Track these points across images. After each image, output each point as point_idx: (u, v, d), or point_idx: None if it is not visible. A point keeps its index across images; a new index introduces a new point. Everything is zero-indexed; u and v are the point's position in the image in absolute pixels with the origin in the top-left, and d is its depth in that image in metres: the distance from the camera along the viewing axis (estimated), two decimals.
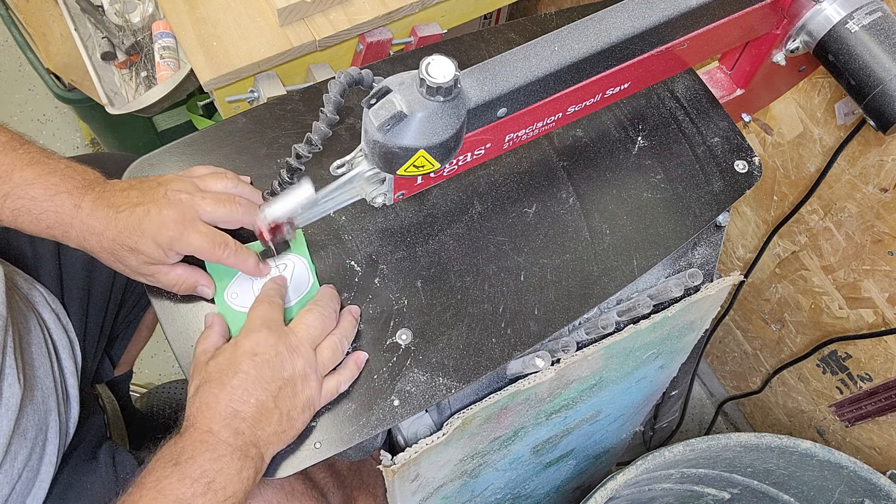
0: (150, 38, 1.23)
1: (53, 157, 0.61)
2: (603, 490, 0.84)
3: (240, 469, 0.53)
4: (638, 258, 0.70)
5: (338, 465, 0.85)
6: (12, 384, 0.61)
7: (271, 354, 0.56)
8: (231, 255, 0.60)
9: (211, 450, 0.53)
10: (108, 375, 0.95)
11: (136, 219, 0.58)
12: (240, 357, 0.56)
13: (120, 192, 0.59)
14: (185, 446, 0.53)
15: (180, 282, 0.62)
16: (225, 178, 0.64)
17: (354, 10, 0.91)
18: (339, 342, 0.61)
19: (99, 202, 0.58)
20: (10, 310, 0.64)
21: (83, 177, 0.60)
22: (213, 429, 0.54)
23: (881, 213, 0.93)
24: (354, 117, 0.75)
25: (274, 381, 0.56)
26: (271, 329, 0.58)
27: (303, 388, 0.57)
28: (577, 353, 0.69)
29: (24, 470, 0.64)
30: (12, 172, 0.58)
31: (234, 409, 0.54)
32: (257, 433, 0.55)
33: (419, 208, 0.70)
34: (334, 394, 0.60)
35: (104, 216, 0.58)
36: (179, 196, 0.59)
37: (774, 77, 0.83)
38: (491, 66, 0.55)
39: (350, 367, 0.61)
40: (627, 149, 0.76)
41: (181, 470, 0.52)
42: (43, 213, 0.58)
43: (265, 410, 0.55)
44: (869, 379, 1.07)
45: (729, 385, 1.46)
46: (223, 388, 0.55)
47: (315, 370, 0.58)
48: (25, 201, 0.58)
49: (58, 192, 0.58)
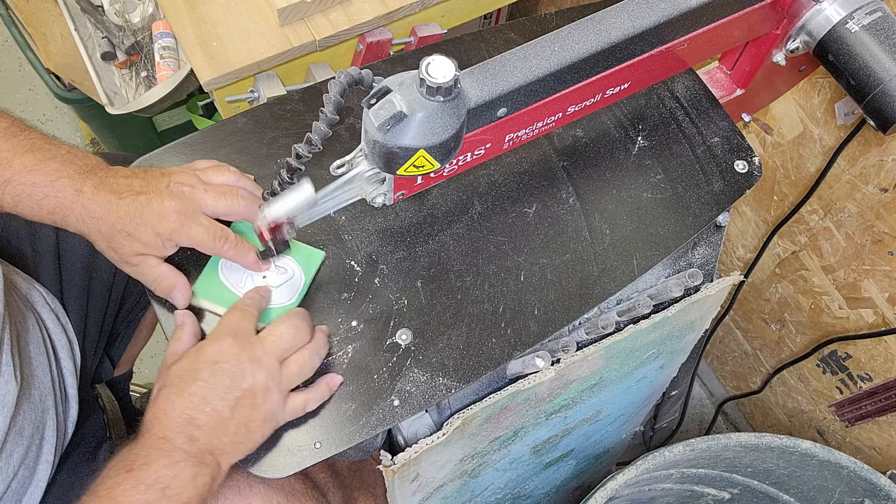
0: (150, 38, 1.23)
1: (55, 142, 0.61)
2: (603, 490, 0.84)
3: (195, 475, 0.53)
4: (638, 258, 0.70)
5: (338, 465, 0.85)
6: (8, 381, 0.61)
7: (232, 364, 0.56)
8: (231, 248, 0.60)
9: (165, 456, 0.52)
10: (108, 375, 0.95)
11: (138, 207, 0.58)
12: (200, 364, 0.56)
13: (123, 179, 0.60)
14: (140, 453, 0.53)
15: (161, 279, 0.61)
16: (227, 172, 0.64)
17: (354, 10, 0.91)
18: (310, 358, 0.59)
19: (101, 187, 0.59)
20: (7, 308, 0.64)
21: (84, 162, 0.60)
22: (168, 435, 0.53)
23: (881, 213, 0.93)
24: (354, 117, 0.75)
25: (232, 391, 0.55)
26: (236, 338, 0.57)
27: (263, 401, 0.56)
28: (577, 353, 0.69)
29: (21, 468, 0.64)
30: (13, 158, 0.58)
31: (189, 416, 0.54)
32: (213, 441, 0.54)
33: (419, 208, 0.70)
34: (300, 412, 0.59)
35: (106, 201, 0.58)
36: (182, 188, 0.60)
37: (774, 77, 0.83)
38: (491, 66, 0.55)
39: (321, 388, 0.60)
40: (627, 149, 0.76)
41: (135, 476, 0.52)
42: (44, 199, 0.58)
43: (221, 420, 0.55)
44: (869, 379, 1.07)
45: (729, 385, 1.46)
46: (180, 394, 0.55)
47: (278, 384, 0.57)
48: (27, 187, 0.58)
49: (59, 177, 0.58)
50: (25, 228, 0.79)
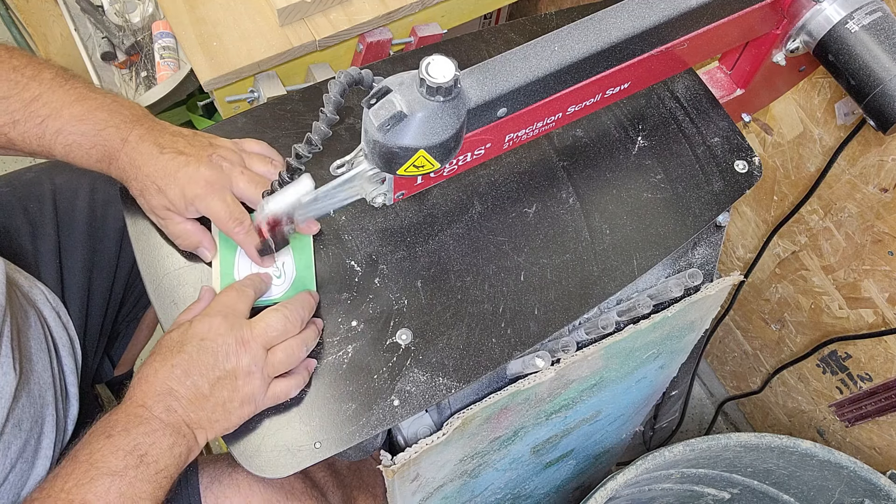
0: (150, 38, 1.23)
1: (100, 91, 0.64)
2: (603, 490, 0.84)
3: (172, 444, 0.54)
4: (638, 258, 0.70)
5: (337, 464, 0.85)
6: (7, 372, 0.61)
7: (218, 343, 0.57)
8: (242, 232, 0.62)
9: (144, 423, 0.54)
10: (108, 375, 0.95)
11: (175, 166, 0.60)
12: (188, 338, 0.57)
13: (169, 135, 0.62)
14: (119, 419, 0.54)
15: (186, 235, 0.63)
16: (269, 164, 0.66)
17: (354, 10, 0.91)
18: (297, 347, 0.60)
19: (146, 137, 0.61)
20: (9, 302, 0.64)
21: (131, 111, 0.63)
22: (147, 403, 0.55)
23: (881, 213, 0.93)
24: (354, 117, 0.75)
25: (214, 370, 0.56)
26: (226, 318, 0.58)
27: (244, 384, 0.57)
28: (577, 353, 0.69)
29: (19, 461, 0.64)
30: (62, 108, 0.61)
31: (169, 387, 0.55)
32: (190, 415, 0.55)
33: (419, 208, 0.70)
34: (281, 398, 0.60)
35: (148, 152, 0.61)
36: (222, 162, 0.62)
37: (774, 77, 0.83)
38: (491, 66, 0.55)
39: (301, 373, 0.61)
40: (627, 149, 0.76)
41: (113, 442, 0.52)
42: (93, 148, 0.61)
43: (200, 396, 0.56)
44: (869, 379, 1.07)
45: (729, 385, 1.46)
46: (164, 364, 0.56)
47: (261, 369, 0.58)
48: (77, 136, 0.61)
49: (106, 126, 0.61)
50: (27, 227, 0.80)
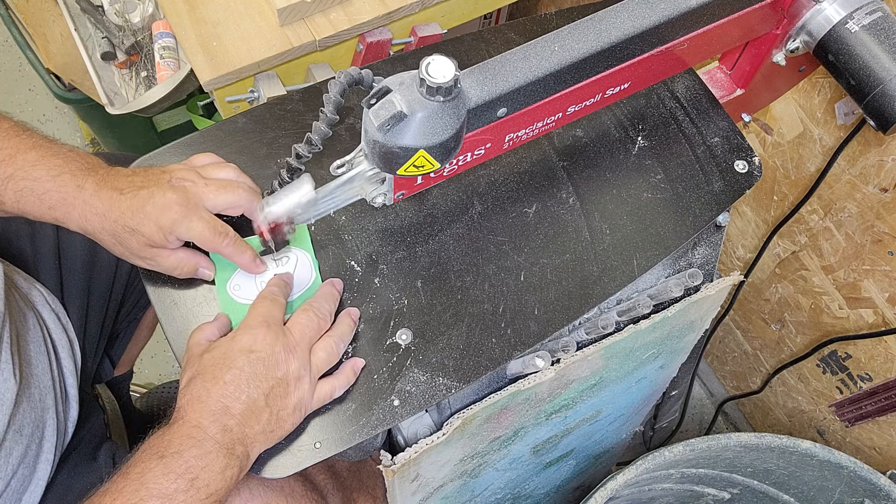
0: (150, 38, 1.23)
1: (56, 142, 0.62)
2: (603, 490, 0.84)
3: (224, 467, 0.53)
4: (638, 258, 0.70)
5: (337, 466, 0.85)
6: (7, 379, 0.61)
7: (267, 353, 0.56)
8: (229, 244, 0.61)
9: (198, 445, 0.53)
10: (108, 375, 0.95)
11: (140, 201, 0.58)
12: (235, 352, 0.56)
13: (124, 177, 0.61)
14: (173, 440, 0.53)
15: (181, 265, 0.62)
16: (227, 167, 0.65)
17: (354, 10, 0.91)
18: (336, 344, 0.60)
19: (103, 184, 0.59)
20: (8, 306, 0.64)
21: (86, 161, 0.61)
22: (202, 424, 0.54)
23: (881, 213, 0.93)
24: (354, 117, 0.75)
25: (267, 380, 0.56)
26: (270, 327, 0.58)
27: (295, 389, 0.57)
28: (577, 353, 0.69)
29: (20, 467, 0.64)
30: (16, 155, 0.59)
31: (224, 404, 0.54)
32: (245, 430, 0.55)
33: (419, 208, 0.70)
34: (327, 399, 0.60)
35: (108, 197, 0.59)
36: (184, 183, 0.60)
37: (774, 77, 0.83)
38: (491, 66, 0.55)
39: (346, 373, 0.61)
40: (627, 149, 0.76)
41: (166, 464, 0.52)
42: (46, 194, 0.59)
43: (255, 408, 0.55)
44: (869, 379, 1.07)
45: (729, 385, 1.46)
46: (216, 382, 0.55)
47: (309, 372, 0.58)
48: (29, 182, 0.59)
49: (60, 172, 0.59)
50: (26, 228, 0.80)
